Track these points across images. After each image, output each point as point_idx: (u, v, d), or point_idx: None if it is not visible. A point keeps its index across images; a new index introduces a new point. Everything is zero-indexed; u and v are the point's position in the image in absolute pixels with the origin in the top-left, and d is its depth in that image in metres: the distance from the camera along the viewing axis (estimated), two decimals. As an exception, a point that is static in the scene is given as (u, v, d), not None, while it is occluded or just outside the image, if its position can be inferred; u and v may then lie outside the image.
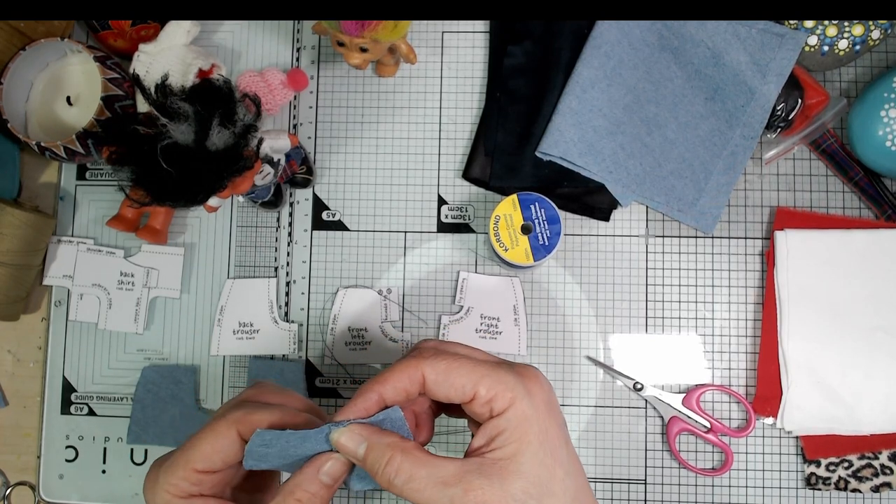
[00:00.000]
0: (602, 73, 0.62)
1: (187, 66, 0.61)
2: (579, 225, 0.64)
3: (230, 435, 0.40)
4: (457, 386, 0.38)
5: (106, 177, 0.67)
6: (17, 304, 0.64)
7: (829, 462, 0.60)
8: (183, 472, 0.40)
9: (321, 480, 0.39)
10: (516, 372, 0.39)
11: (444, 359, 0.39)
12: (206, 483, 0.41)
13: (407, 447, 0.38)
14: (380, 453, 0.38)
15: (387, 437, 0.38)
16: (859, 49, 0.60)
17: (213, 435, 0.41)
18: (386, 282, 0.65)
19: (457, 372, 0.38)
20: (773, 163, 0.63)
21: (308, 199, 0.66)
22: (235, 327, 0.65)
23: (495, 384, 0.38)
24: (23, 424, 0.66)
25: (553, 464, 0.38)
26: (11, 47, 0.62)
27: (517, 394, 0.38)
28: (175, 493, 0.40)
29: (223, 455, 0.41)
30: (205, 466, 0.40)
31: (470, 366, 0.39)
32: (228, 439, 0.40)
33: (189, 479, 0.40)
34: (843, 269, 0.60)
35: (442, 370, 0.39)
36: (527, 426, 0.38)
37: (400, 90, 0.67)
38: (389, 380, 0.39)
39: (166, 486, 0.40)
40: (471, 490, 0.36)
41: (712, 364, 0.62)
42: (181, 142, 0.50)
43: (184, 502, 0.40)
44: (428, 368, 0.39)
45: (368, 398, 0.39)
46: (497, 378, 0.38)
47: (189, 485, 0.41)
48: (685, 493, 0.61)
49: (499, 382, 0.38)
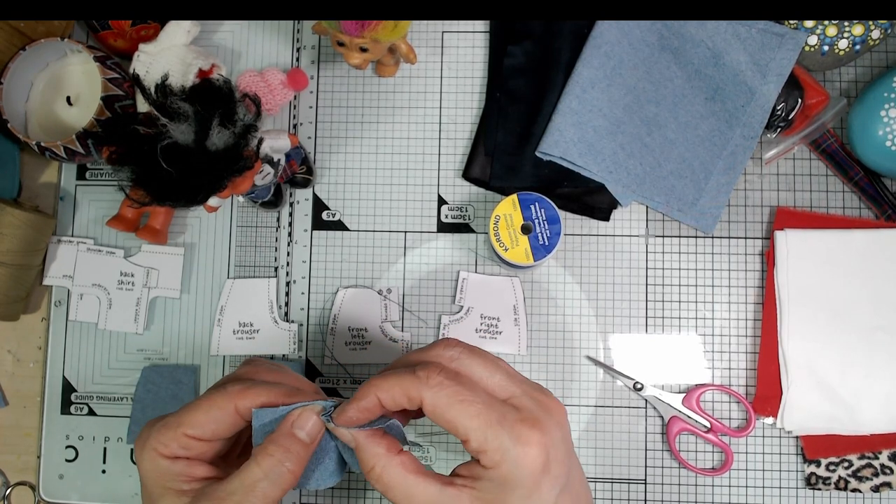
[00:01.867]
0: (602, 73, 0.62)
1: (187, 66, 0.61)
2: (579, 225, 0.64)
3: (227, 408, 0.41)
4: (452, 426, 0.37)
5: (106, 177, 0.67)
6: (17, 304, 0.64)
7: (829, 462, 0.60)
8: (173, 434, 0.41)
9: (295, 434, 0.40)
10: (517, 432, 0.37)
11: (448, 391, 0.37)
12: (194, 449, 0.42)
13: (390, 463, 0.38)
14: (366, 457, 0.39)
15: (375, 444, 0.39)
16: (859, 49, 0.60)
17: (209, 405, 0.41)
18: (386, 282, 0.65)
19: (456, 412, 0.37)
20: (773, 163, 0.63)
21: (308, 199, 0.66)
22: (235, 327, 0.65)
23: (487, 442, 0.37)
24: (23, 424, 0.66)
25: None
26: (11, 47, 0.62)
27: (506, 458, 0.37)
28: (162, 453, 0.41)
29: (215, 426, 0.41)
30: (195, 433, 0.41)
31: (470, 412, 0.37)
32: (224, 412, 0.41)
33: (178, 441, 0.41)
34: (843, 268, 0.60)
35: (442, 405, 0.37)
36: (508, 491, 0.37)
37: (400, 90, 0.67)
38: (390, 390, 0.38)
39: (155, 445, 0.41)
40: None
41: (712, 364, 0.62)
42: (181, 142, 0.50)
43: (168, 462, 0.41)
44: (428, 396, 0.37)
45: (367, 401, 0.39)
46: (491, 435, 0.37)
47: (177, 447, 0.41)
48: (685, 493, 0.61)
49: (491, 441, 0.37)
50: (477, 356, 0.40)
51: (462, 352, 0.40)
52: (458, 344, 0.40)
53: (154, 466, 0.41)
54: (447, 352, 0.40)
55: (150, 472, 0.41)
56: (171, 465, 0.41)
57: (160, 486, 0.41)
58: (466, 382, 0.38)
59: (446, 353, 0.40)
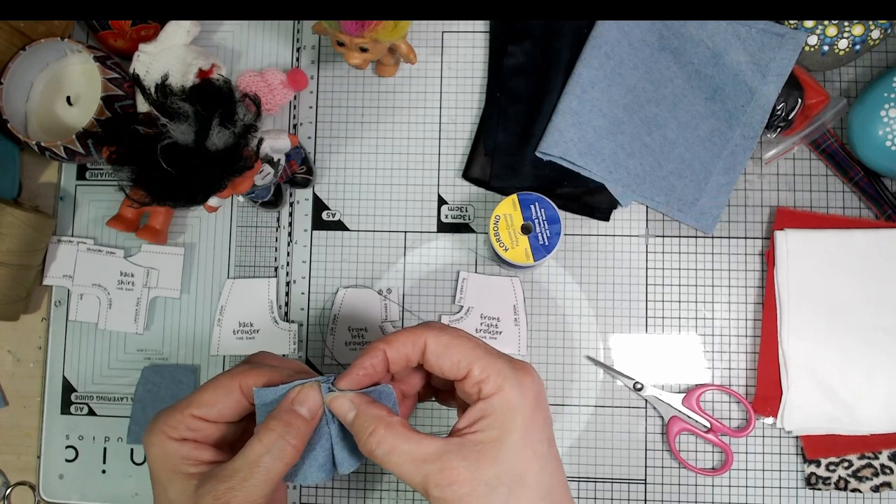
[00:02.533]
0: (602, 73, 0.62)
1: (187, 66, 0.61)
2: (579, 225, 0.64)
3: (231, 387, 0.42)
4: (453, 360, 0.41)
5: (106, 177, 0.67)
6: (17, 304, 0.64)
7: (829, 462, 0.60)
8: (181, 416, 0.42)
9: (295, 410, 0.41)
10: (511, 363, 0.41)
11: (448, 334, 0.41)
12: (201, 431, 0.42)
13: (392, 422, 0.40)
14: (366, 422, 0.40)
15: (375, 408, 0.40)
16: (859, 49, 0.60)
17: (214, 386, 0.43)
18: (386, 282, 0.65)
19: (456, 348, 0.41)
20: (773, 163, 0.63)
21: (308, 199, 0.66)
22: (235, 327, 0.65)
23: (488, 367, 0.40)
24: (23, 424, 0.66)
25: (531, 456, 0.39)
26: (11, 47, 0.62)
27: (507, 382, 0.40)
28: (169, 435, 0.42)
29: (221, 406, 0.42)
30: (202, 413, 0.42)
31: (470, 345, 0.41)
32: (228, 391, 0.42)
33: (185, 422, 0.42)
34: (843, 269, 0.60)
35: (443, 343, 0.41)
36: (511, 415, 0.39)
37: (400, 90, 0.67)
38: (394, 342, 0.41)
39: (163, 427, 0.42)
40: (446, 469, 0.38)
41: (712, 364, 0.62)
42: (181, 142, 0.50)
43: (175, 444, 0.42)
44: (431, 339, 0.41)
45: (375, 355, 0.41)
46: (491, 362, 0.40)
47: (184, 428, 0.42)
48: (685, 493, 0.61)
49: (492, 366, 0.40)
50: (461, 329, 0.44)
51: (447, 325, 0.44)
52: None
53: (162, 450, 0.42)
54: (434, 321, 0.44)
55: (158, 456, 0.42)
56: (179, 447, 0.42)
57: (168, 470, 0.41)
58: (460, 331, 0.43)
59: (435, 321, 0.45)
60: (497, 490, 0.38)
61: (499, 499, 0.38)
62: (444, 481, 0.38)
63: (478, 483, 0.38)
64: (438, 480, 0.38)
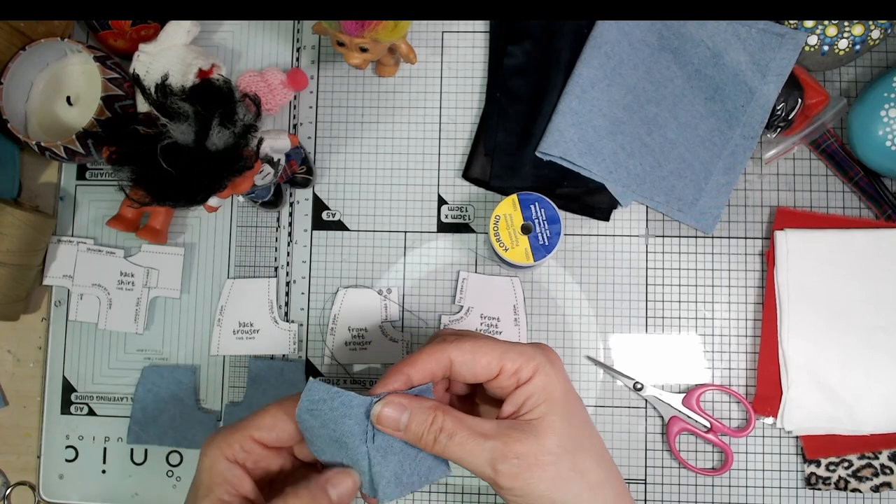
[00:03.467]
0: (602, 73, 0.62)
1: (187, 66, 0.61)
2: (579, 225, 0.64)
3: (291, 413, 0.43)
4: (483, 364, 0.42)
5: (106, 177, 0.67)
6: (17, 304, 0.64)
7: (829, 462, 0.60)
8: (240, 437, 0.42)
9: (327, 491, 0.41)
10: (531, 345, 0.43)
11: (468, 341, 0.42)
12: (253, 456, 0.43)
13: (447, 408, 0.41)
14: (424, 416, 0.41)
15: (426, 401, 0.41)
16: (859, 49, 0.60)
17: (276, 409, 0.43)
18: (386, 282, 0.65)
19: (482, 350, 0.42)
20: (773, 163, 0.63)
21: (308, 199, 0.66)
22: (235, 327, 0.65)
23: (518, 356, 0.42)
24: (23, 424, 0.66)
25: (580, 423, 0.42)
26: (11, 47, 0.62)
27: (540, 362, 0.42)
28: (225, 453, 0.42)
29: (279, 431, 0.43)
30: (261, 437, 0.42)
31: (492, 344, 0.42)
32: (289, 415, 0.43)
33: (243, 444, 0.42)
34: (843, 269, 0.60)
35: (468, 351, 0.42)
36: (552, 389, 0.41)
37: (400, 90, 0.67)
38: (417, 362, 0.42)
39: (221, 444, 0.42)
40: (510, 442, 0.40)
41: (712, 364, 0.62)
42: (181, 142, 0.50)
43: (227, 465, 0.42)
44: (454, 352, 0.42)
45: (398, 378, 0.42)
46: (519, 351, 0.42)
47: (240, 449, 0.42)
48: (685, 493, 0.61)
49: (521, 354, 0.42)
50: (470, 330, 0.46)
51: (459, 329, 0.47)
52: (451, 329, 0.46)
53: (213, 465, 0.42)
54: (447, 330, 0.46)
55: (207, 471, 0.42)
56: (228, 468, 0.42)
57: (208, 487, 0.42)
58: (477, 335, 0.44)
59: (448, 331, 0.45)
60: (562, 458, 0.40)
61: (565, 465, 0.40)
62: (511, 454, 0.39)
63: (542, 452, 0.40)
64: (505, 453, 0.39)
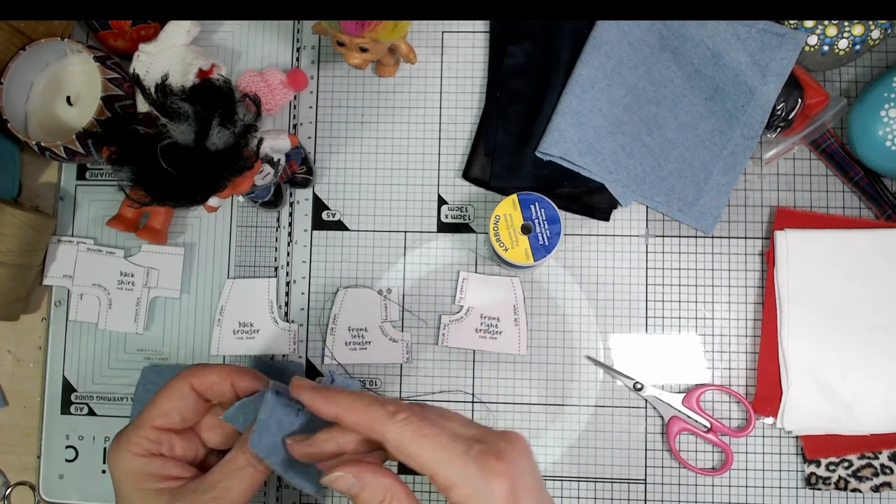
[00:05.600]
0: (602, 73, 0.62)
1: (187, 66, 0.61)
2: (579, 225, 0.64)
3: (184, 389, 0.43)
4: (416, 461, 0.36)
5: (106, 177, 0.67)
6: (17, 304, 0.64)
7: (829, 462, 0.60)
8: (143, 431, 0.42)
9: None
10: (482, 462, 0.36)
11: (412, 426, 0.37)
12: (166, 443, 0.42)
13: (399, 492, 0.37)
14: (376, 494, 0.37)
15: (382, 477, 0.38)
16: (859, 49, 0.60)
17: (168, 392, 0.43)
18: (386, 282, 0.65)
19: (419, 445, 0.36)
20: (773, 163, 0.63)
21: (308, 199, 0.66)
22: (235, 327, 0.65)
23: (454, 475, 0.36)
24: (23, 424, 0.66)
25: None
26: (11, 47, 0.62)
27: (475, 490, 0.36)
28: (135, 452, 0.41)
29: (180, 410, 0.43)
30: (164, 423, 0.42)
31: (435, 444, 0.36)
32: (183, 393, 0.43)
33: (149, 436, 0.42)
34: (843, 269, 0.60)
35: (406, 438, 0.36)
36: None
37: (400, 90, 0.67)
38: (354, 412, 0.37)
39: (126, 445, 0.41)
40: None
41: (712, 364, 0.62)
42: (181, 142, 0.50)
43: (144, 461, 0.41)
44: (391, 431, 0.36)
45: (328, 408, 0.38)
46: (457, 467, 0.36)
47: (149, 443, 0.41)
48: (685, 493, 0.61)
49: (458, 474, 0.36)
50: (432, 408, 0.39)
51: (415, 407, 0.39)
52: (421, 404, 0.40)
53: (128, 468, 0.41)
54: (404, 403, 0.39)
55: (125, 475, 0.41)
56: (147, 463, 0.41)
57: (136, 489, 0.41)
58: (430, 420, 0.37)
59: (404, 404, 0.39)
60: None
61: None
62: None
63: None
64: None
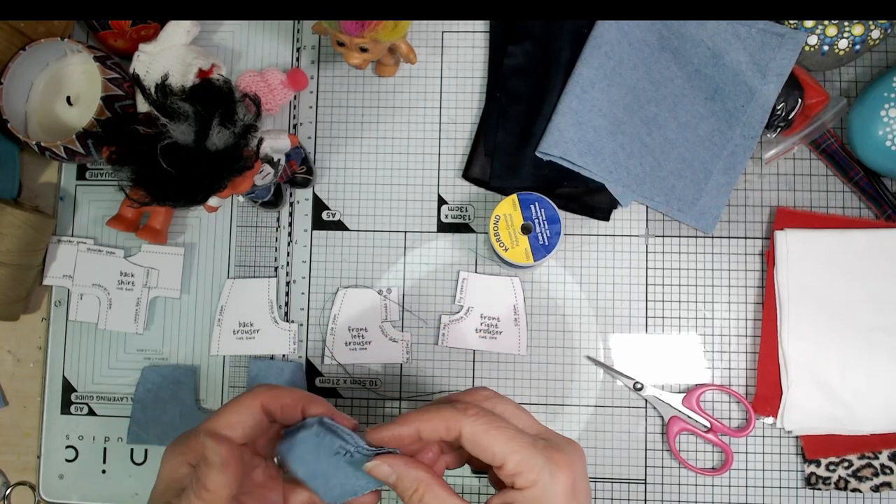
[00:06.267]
0: (602, 73, 0.62)
1: (187, 66, 0.61)
2: (579, 225, 0.64)
3: (254, 406, 0.43)
4: (489, 451, 0.40)
5: (106, 177, 0.67)
6: (17, 304, 0.64)
7: (829, 462, 0.60)
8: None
9: None
10: (548, 455, 0.40)
11: (485, 421, 0.40)
12: None
13: (431, 481, 0.40)
14: (408, 484, 0.40)
15: (414, 469, 0.41)
16: (859, 49, 0.60)
17: (237, 406, 0.43)
18: (386, 282, 0.65)
19: (492, 437, 0.40)
20: (773, 163, 0.63)
21: (308, 199, 0.66)
22: (235, 327, 0.65)
23: (523, 462, 0.39)
24: (23, 424, 0.66)
25: None
26: (11, 47, 0.62)
27: (541, 477, 0.39)
28: (188, 461, 0.41)
29: (244, 426, 0.42)
30: (226, 434, 0.41)
31: (506, 436, 0.40)
32: (252, 410, 0.42)
33: None
34: (843, 269, 0.60)
35: (480, 431, 0.40)
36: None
37: (400, 90, 0.67)
38: (431, 421, 0.41)
39: (182, 448, 0.41)
40: None
41: (712, 364, 0.62)
42: (181, 142, 0.50)
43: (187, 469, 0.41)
44: (467, 426, 0.40)
45: (406, 429, 0.41)
46: (527, 456, 0.40)
47: None
48: (685, 492, 0.61)
49: (527, 461, 0.39)
50: (507, 400, 0.44)
51: (494, 395, 0.44)
52: (490, 389, 0.44)
53: (173, 470, 0.41)
54: (481, 392, 0.44)
55: (168, 475, 0.41)
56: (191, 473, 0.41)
57: (167, 490, 0.41)
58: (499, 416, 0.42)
59: (480, 394, 0.43)
60: None
61: None
62: None
63: None
64: None
